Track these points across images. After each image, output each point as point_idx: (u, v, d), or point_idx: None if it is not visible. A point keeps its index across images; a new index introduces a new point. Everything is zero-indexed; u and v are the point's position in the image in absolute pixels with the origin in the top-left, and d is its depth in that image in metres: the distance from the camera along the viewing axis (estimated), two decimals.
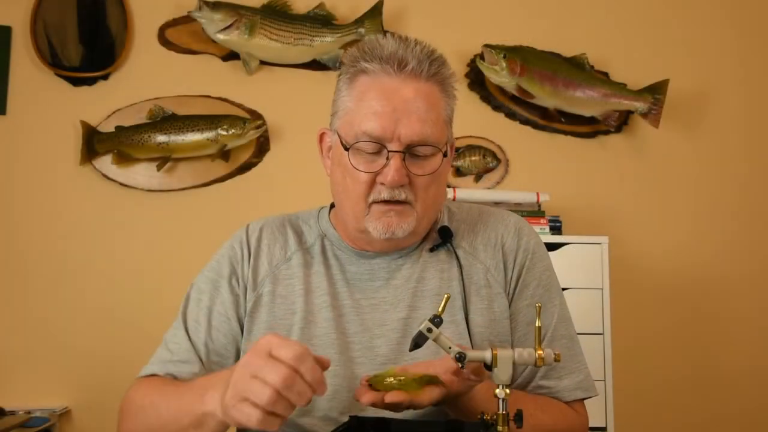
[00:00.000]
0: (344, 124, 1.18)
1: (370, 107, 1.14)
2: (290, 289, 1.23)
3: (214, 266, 1.27)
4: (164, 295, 2.58)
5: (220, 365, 1.20)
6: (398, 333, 1.18)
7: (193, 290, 1.27)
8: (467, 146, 2.73)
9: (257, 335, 1.21)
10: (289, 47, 2.65)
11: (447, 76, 1.20)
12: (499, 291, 1.22)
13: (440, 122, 1.18)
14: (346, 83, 1.19)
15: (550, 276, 1.27)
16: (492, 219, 1.29)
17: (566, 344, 1.24)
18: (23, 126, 2.62)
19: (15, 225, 2.60)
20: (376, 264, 1.23)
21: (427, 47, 1.18)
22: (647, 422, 2.72)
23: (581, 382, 1.23)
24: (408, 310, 1.19)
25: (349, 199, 1.19)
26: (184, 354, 1.21)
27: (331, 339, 1.18)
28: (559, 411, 1.19)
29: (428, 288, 1.21)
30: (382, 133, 1.13)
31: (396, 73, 1.14)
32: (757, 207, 2.86)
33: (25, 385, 2.53)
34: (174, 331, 1.25)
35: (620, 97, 2.75)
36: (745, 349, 2.80)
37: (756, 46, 2.91)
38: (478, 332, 1.18)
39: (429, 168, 1.16)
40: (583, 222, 2.72)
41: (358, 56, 1.17)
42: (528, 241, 1.27)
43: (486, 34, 2.72)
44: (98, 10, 2.66)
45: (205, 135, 2.59)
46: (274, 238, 1.28)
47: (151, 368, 1.23)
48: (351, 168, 1.16)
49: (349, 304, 1.21)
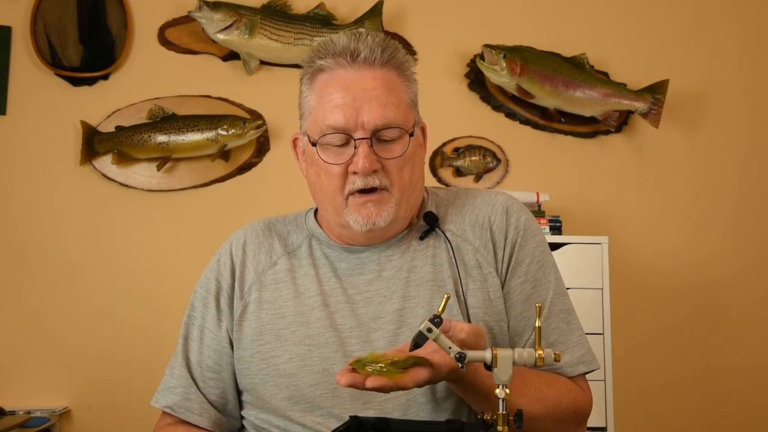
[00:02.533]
0: (311, 123, 1.20)
1: (331, 101, 1.16)
2: (278, 293, 1.24)
3: (204, 282, 1.30)
4: (164, 295, 2.59)
5: (215, 380, 1.25)
6: (394, 325, 1.18)
7: (190, 307, 1.31)
8: (467, 146, 2.73)
9: (246, 342, 1.23)
10: (289, 47, 2.65)
11: (402, 61, 1.21)
12: (489, 270, 1.22)
13: (403, 105, 1.19)
14: (307, 84, 1.23)
15: (543, 251, 1.26)
16: (479, 199, 1.29)
17: (564, 318, 1.24)
18: (23, 126, 2.62)
19: (15, 225, 2.60)
20: (366, 257, 1.23)
21: (379, 37, 1.20)
22: (647, 422, 2.72)
23: (583, 356, 1.23)
24: (402, 300, 1.19)
25: (326, 194, 1.20)
26: (184, 381, 1.26)
27: (325, 338, 1.18)
28: (563, 386, 1.19)
29: (420, 276, 1.21)
30: (346, 124, 1.15)
31: (350, 64, 1.17)
32: (756, 207, 2.85)
33: (25, 385, 2.53)
34: (174, 356, 1.29)
35: (620, 97, 2.75)
36: (745, 348, 2.80)
37: (756, 46, 2.91)
38: (473, 313, 1.18)
39: (398, 150, 1.17)
40: (583, 222, 2.72)
41: (313, 56, 1.21)
42: (518, 218, 1.26)
43: (486, 34, 2.72)
44: (98, 10, 2.66)
45: (205, 135, 2.59)
46: (258, 244, 1.29)
47: (163, 400, 1.26)
48: (322, 163, 1.18)
49: (342, 300, 1.21)
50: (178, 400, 1.24)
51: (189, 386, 1.25)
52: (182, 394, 1.25)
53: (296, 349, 1.18)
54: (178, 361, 1.28)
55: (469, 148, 2.73)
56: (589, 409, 1.23)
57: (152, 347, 2.56)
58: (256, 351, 1.21)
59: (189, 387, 1.25)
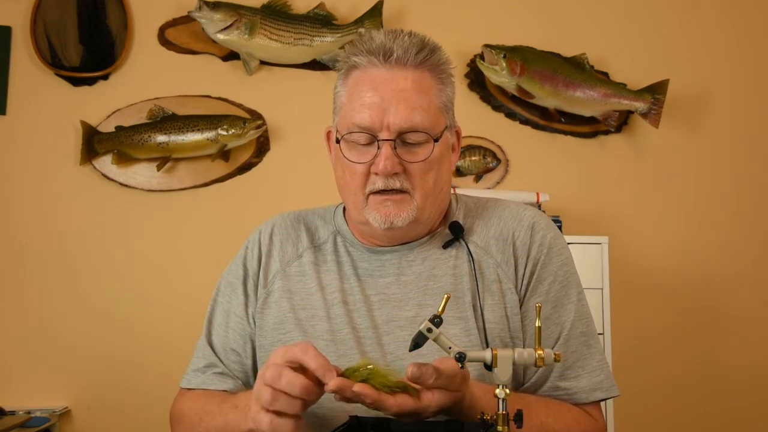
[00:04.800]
0: (341, 119, 1.21)
1: (360, 99, 1.16)
2: (301, 285, 1.25)
3: (232, 269, 1.32)
4: (164, 295, 2.59)
5: (239, 363, 1.26)
6: (407, 330, 1.17)
7: (216, 292, 1.33)
8: (467, 146, 2.73)
9: (267, 330, 1.24)
10: (289, 47, 2.65)
11: (438, 63, 1.20)
12: (509, 287, 1.20)
13: (432, 109, 1.18)
14: (341, 79, 1.22)
15: (567, 271, 1.23)
16: (507, 213, 1.27)
17: (585, 342, 1.20)
18: (23, 126, 2.62)
19: (15, 225, 2.60)
20: (387, 260, 1.23)
21: (417, 36, 1.19)
22: (647, 422, 2.72)
23: (601, 382, 1.19)
24: (417, 308, 1.19)
25: (348, 191, 1.21)
26: (211, 359, 1.27)
27: (343, 335, 1.18)
28: (572, 417, 1.16)
29: (439, 286, 1.20)
30: (371, 124, 1.15)
31: (382, 64, 1.16)
32: (756, 207, 2.85)
33: (25, 385, 2.53)
34: (200, 339, 1.31)
35: (620, 97, 2.75)
36: (745, 348, 2.80)
37: (756, 46, 2.91)
38: (490, 328, 1.16)
39: (422, 155, 1.16)
40: (583, 222, 2.72)
41: (349, 51, 1.20)
42: (544, 236, 1.23)
43: (486, 34, 2.72)
44: (98, 10, 2.66)
45: (205, 135, 2.59)
46: (286, 235, 1.30)
47: (191, 380, 1.28)
48: (346, 160, 1.18)
49: (360, 299, 1.21)
50: (205, 378, 1.26)
51: (215, 365, 1.26)
52: (210, 371, 1.26)
53: (315, 342, 1.17)
54: (203, 343, 1.29)
55: (469, 148, 2.73)
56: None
57: (153, 347, 2.56)
58: (277, 340, 1.22)
59: (215, 366, 1.26)
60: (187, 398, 1.25)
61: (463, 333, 1.16)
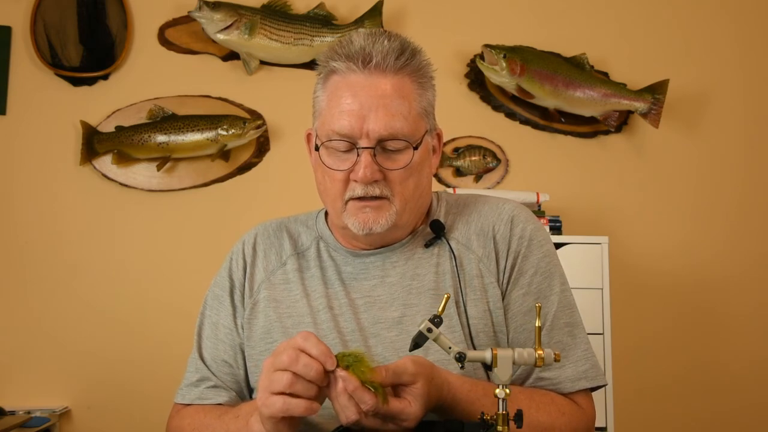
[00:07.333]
0: (320, 124, 1.20)
1: (339, 106, 1.15)
2: (286, 293, 1.25)
3: (218, 281, 1.32)
4: (164, 295, 2.59)
5: (231, 374, 1.26)
6: (393, 332, 1.17)
7: (203, 305, 1.32)
8: (467, 146, 2.73)
9: (256, 340, 1.24)
10: (289, 47, 2.65)
11: (418, 67, 1.18)
12: (491, 281, 1.20)
13: (412, 115, 1.16)
14: (321, 83, 1.21)
15: (549, 262, 1.23)
16: (486, 208, 1.27)
17: (569, 332, 1.20)
18: (23, 126, 2.62)
19: (15, 225, 2.60)
20: (370, 263, 1.23)
21: (396, 40, 1.17)
22: (647, 422, 2.72)
23: (587, 371, 1.18)
24: (402, 308, 1.19)
25: (328, 197, 1.21)
26: (203, 373, 1.27)
27: (329, 340, 1.18)
28: (556, 408, 1.15)
29: (422, 285, 1.20)
30: (351, 131, 1.14)
31: (361, 70, 1.15)
32: (756, 207, 2.85)
33: (25, 385, 2.53)
34: (192, 351, 1.31)
35: (620, 97, 2.75)
36: (745, 348, 2.80)
37: (756, 46, 2.91)
38: (473, 324, 1.17)
39: (402, 162, 1.16)
40: (583, 222, 2.72)
41: (328, 55, 1.19)
42: (524, 228, 1.22)
43: (486, 34, 2.72)
44: (98, 10, 2.66)
45: (205, 135, 2.59)
46: (269, 244, 1.30)
47: (186, 395, 1.27)
48: (325, 167, 1.18)
49: (345, 303, 1.21)
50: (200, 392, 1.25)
51: (208, 378, 1.26)
52: (204, 385, 1.25)
53: None
54: (194, 358, 1.29)
55: (469, 148, 2.73)
56: (589, 428, 1.19)
57: (152, 347, 2.56)
58: (265, 349, 1.22)
59: (208, 379, 1.26)
60: (184, 415, 1.25)
61: (447, 330, 1.15)
